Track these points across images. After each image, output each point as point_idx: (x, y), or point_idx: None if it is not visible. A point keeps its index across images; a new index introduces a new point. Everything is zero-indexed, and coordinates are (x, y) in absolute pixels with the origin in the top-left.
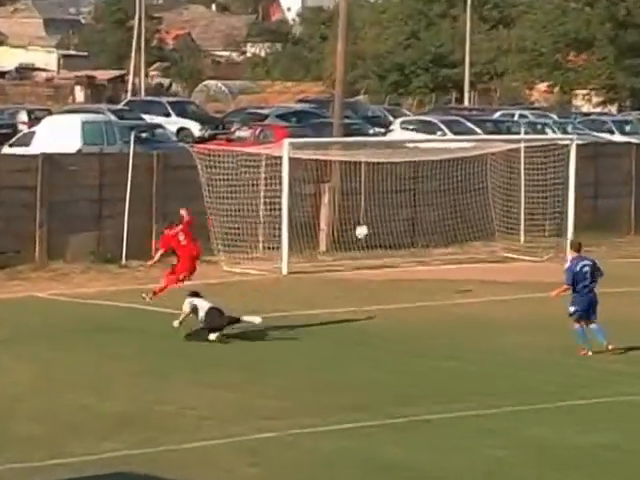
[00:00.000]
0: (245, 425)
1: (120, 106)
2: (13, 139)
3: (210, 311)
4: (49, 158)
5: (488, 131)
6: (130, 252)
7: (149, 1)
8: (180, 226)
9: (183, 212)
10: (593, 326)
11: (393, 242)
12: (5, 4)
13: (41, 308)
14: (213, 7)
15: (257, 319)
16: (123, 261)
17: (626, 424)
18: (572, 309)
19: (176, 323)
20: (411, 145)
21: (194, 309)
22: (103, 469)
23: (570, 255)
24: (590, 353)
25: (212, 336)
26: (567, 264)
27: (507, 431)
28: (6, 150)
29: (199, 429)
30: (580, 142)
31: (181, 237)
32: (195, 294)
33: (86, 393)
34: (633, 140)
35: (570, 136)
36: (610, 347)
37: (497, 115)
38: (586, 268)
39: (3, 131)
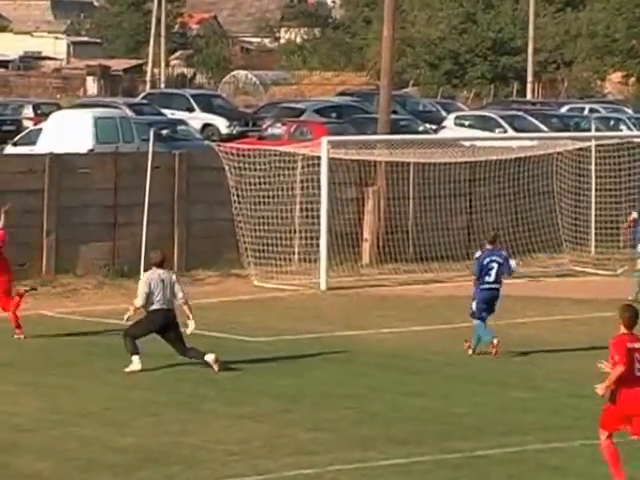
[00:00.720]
0: (279, 461)
1: (138, 100)
2: (17, 137)
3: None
4: (57, 159)
5: (554, 128)
6: (149, 265)
7: None
8: None
9: None
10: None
11: (446, 253)
12: None
13: (48, 328)
14: None
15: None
16: (141, 275)
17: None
18: (473, 306)
19: None
20: (467, 144)
21: None
22: None
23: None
24: (471, 352)
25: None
26: (477, 253)
27: (575, 469)
28: (10, 149)
29: (226, 465)
30: None
31: None
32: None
33: (99, 425)
34: None
35: None
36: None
37: (564, 110)
38: (493, 264)
39: (6, 128)
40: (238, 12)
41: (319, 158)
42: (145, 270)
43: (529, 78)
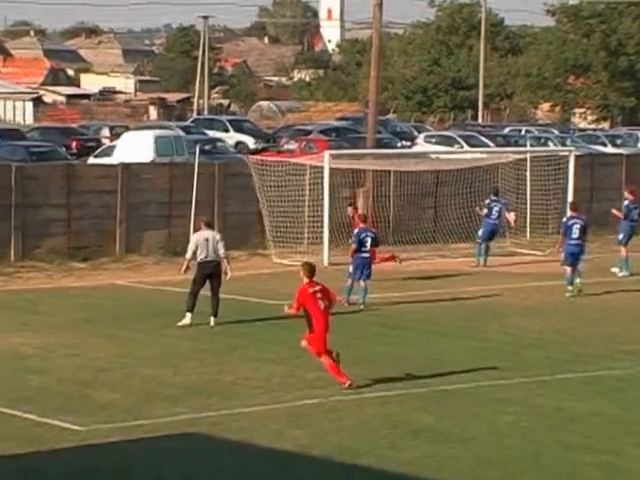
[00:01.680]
0: (292, 394)
1: (187, 123)
2: (98, 151)
3: None
4: (127, 167)
5: (499, 144)
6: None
7: (211, 34)
8: None
9: None
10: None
11: (417, 238)
12: (91, 37)
13: (120, 294)
14: (265, 39)
15: None
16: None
17: (611, 394)
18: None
19: None
20: (433, 156)
21: None
22: (173, 430)
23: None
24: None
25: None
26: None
27: (515, 400)
28: (92, 160)
29: (253, 397)
30: (578, 153)
31: None
32: None
33: (157, 366)
34: (623, 152)
35: (569, 148)
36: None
37: (507, 130)
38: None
39: (89, 144)
40: (262, 58)
41: (322, 167)
42: None
43: (480, 107)
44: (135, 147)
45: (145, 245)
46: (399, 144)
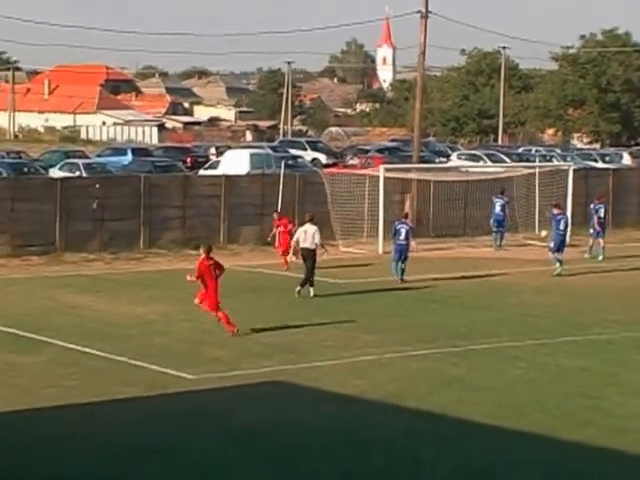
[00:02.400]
0: (353, 352)
1: (275, 144)
2: (206, 165)
3: None
4: (229, 177)
5: (514, 160)
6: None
7: (293, 75)
8: None
9: None
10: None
11: (451, 232)
12: (202, 77)
13: (225, 274)
14: (335, 80)
15: None
16: (276, 243)
17: (600, 354)
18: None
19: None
20: (463, 169)
21: None
22: (263, 379)
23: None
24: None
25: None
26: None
27: (525, 358)
28: (202, 172)
29: (323, 354)
30: (575, 167)
31: None
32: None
33: (252, 330)
34: (611, 167)
35: (569, 164)
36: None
37: (520, 150)
38: (399, 228)
39: (200, 160)
40: (332, 94)
41: (378, 177)
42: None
43: (499, 132)
44: (235, 162)
45: (242, 237)
46: (437, 160)
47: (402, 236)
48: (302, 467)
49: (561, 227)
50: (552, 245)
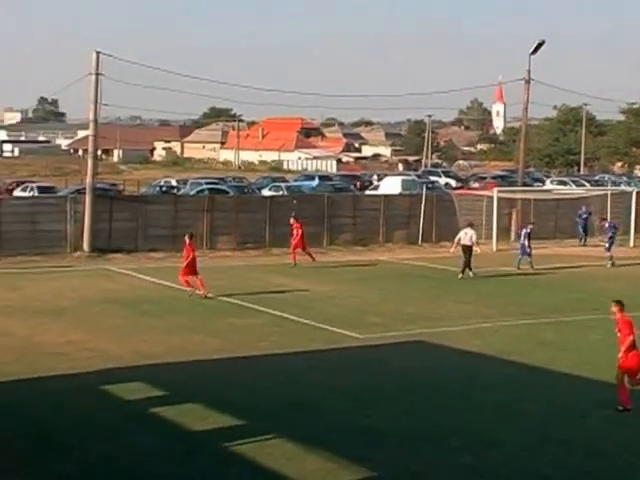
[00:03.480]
0: (475, 319)
1: (418, 172)
2: (370, 187)
3: None
4: (387, 197)
5: (592, 185)
6: (424, 238)
7: (432, 124)
8: None
9: None
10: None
11: (546, 236)
12: (367, 126)
13: (381, 265)
14: (462, 127)
15: None
16: (419, 243)
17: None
18: None
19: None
20: (555, 191)
21: None
22: (410, 338)
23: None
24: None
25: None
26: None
27: (601, 327)
28: (367, 192)
29: (453, 321)
30: (637, 190)
31: None
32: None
33: (402, 303)
34: None
35: (632, 188)
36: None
37: (596, 177)
38: (523, 232)
39: (366, 184)
40: (460, 137)
41: (493, 197)
42: (424, 241)
43: (581, 165)
44: (390, 185)
45: (395, 238)
46: (535, 184)
47: (521, 238)
48: (437, 399)
49: (610, 233)
50: (607, 246)
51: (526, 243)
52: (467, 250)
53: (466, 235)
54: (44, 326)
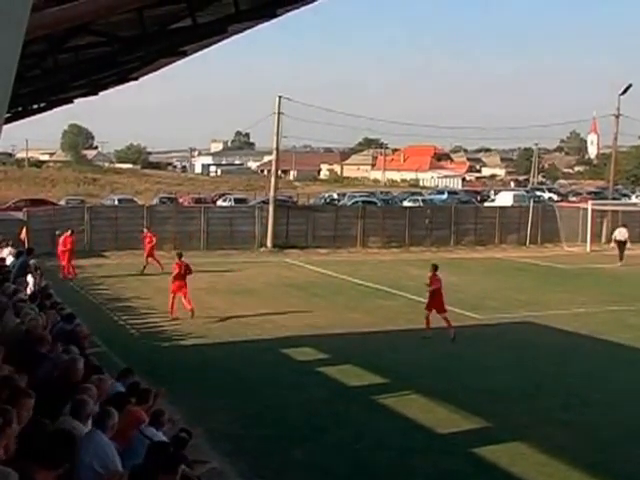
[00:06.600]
0: (573, 306)
1: (527, 189)
2: (488, 200)
3: None
4: (502, 207)
5: None
6: (531, 240)
7: (538, 151)
8: None
9: None
10: None
11: (633, 240)
12: (487, 152)
13: (497, 262)
14: (563, 153)
15: None
16: (527, 244)
17: None
18: None
19: None
20: (639, 204)
21: None
22: (520, 319)
23: None
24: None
25: None
26: None
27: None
28: (486, 204)
29: (555, 306)
30: None
31: None
32: None
33: (513, 292)
34: None
35: None
36: None
37: None
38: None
39: (485, 197)
40: (560, 162)
41: (587, 208)
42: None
43: None
44: (504, 199)
45: (508, 240)
46: (622, 199)
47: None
48: (541, 367)
49: None
50: None
51: None
52: (622, 244)
53: (620, 232)
54: (239, 303)
